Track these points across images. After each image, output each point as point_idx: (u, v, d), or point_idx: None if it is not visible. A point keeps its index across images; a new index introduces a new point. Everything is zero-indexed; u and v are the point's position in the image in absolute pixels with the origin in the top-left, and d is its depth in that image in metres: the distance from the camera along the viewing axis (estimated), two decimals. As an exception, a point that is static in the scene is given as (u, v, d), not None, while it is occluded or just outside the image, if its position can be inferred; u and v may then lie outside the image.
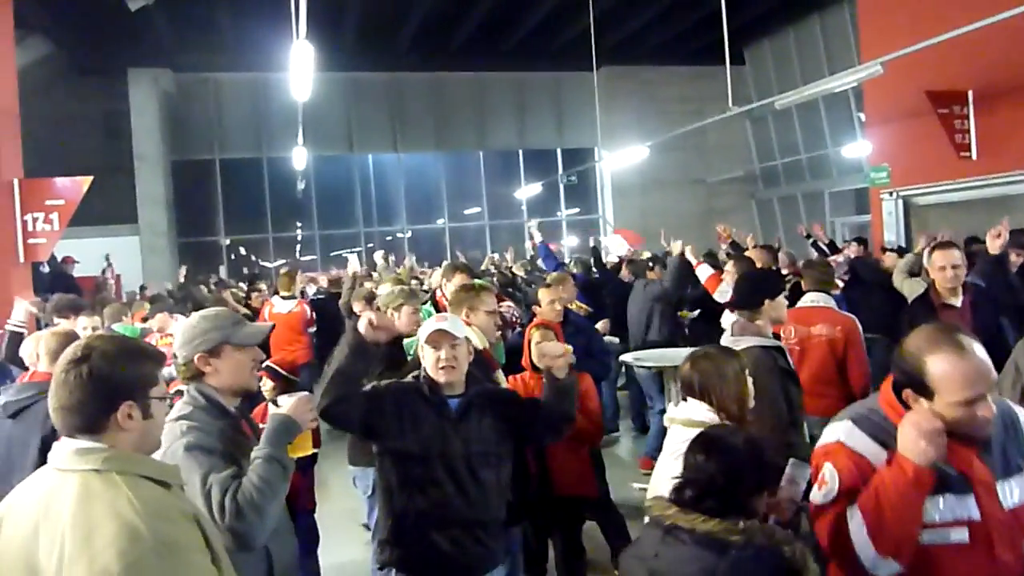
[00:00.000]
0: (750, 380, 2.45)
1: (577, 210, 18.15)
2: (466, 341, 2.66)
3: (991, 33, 6.40)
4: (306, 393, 2.29)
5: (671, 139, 12.29)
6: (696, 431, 2.08)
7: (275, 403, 2.31)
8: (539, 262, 9.08)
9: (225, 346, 2.24)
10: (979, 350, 1.78)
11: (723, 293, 5.29)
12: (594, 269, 8.76)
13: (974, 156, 8.84)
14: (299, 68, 6.11)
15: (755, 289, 3.36)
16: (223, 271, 15.24)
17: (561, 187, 17.39)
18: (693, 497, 1.80)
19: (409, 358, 3.47)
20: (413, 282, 7.66)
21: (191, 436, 2.05)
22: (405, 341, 3.64)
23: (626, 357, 6.40)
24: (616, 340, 7.12)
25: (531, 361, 3.67)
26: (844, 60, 13.43)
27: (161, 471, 1.59)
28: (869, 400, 2.05)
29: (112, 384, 1.55)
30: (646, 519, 1.99)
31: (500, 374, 3.48)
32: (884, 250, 8.17)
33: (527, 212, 17.23)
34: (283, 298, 7.88)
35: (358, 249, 16.51)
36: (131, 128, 13.95)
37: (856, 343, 4.28)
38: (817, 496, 1.88)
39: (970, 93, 8.80)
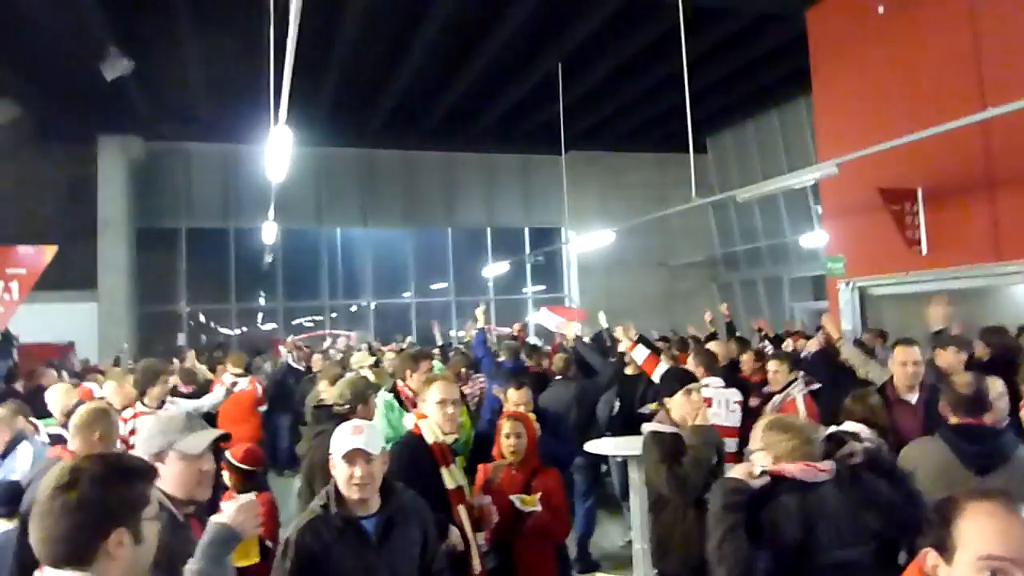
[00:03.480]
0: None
1: (543, 287, 18.32)
2: (383, 452, 2.55)
3: (937, 138, 6.79)
4: (251, 497, 2.13)
5: (635, 222, 12.59)
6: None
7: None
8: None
9: (169, 452, 2.16)
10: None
11: (659, 374, 5.20)
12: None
13: (924, 251, 9.19)
14: (276, 151, 6.15)
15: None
16: (182, 339, 14.96)
17: (528, 265, 17.60)
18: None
19: None
20: (368, 360, 7.40)
21: None
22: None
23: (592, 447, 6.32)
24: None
25: (501, 452, 3.66)
26: (801, 152, 14.03)
27: None
28: None
29: (103, 511, 1.44)
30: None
31: (453, 469, 3.26)
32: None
33: (493, 289, 17.34)
34: (234, 375, 7.55)
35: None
36: (96, 194, 13.84)
37: None
38: None
39: (919, 191, 9.21)
